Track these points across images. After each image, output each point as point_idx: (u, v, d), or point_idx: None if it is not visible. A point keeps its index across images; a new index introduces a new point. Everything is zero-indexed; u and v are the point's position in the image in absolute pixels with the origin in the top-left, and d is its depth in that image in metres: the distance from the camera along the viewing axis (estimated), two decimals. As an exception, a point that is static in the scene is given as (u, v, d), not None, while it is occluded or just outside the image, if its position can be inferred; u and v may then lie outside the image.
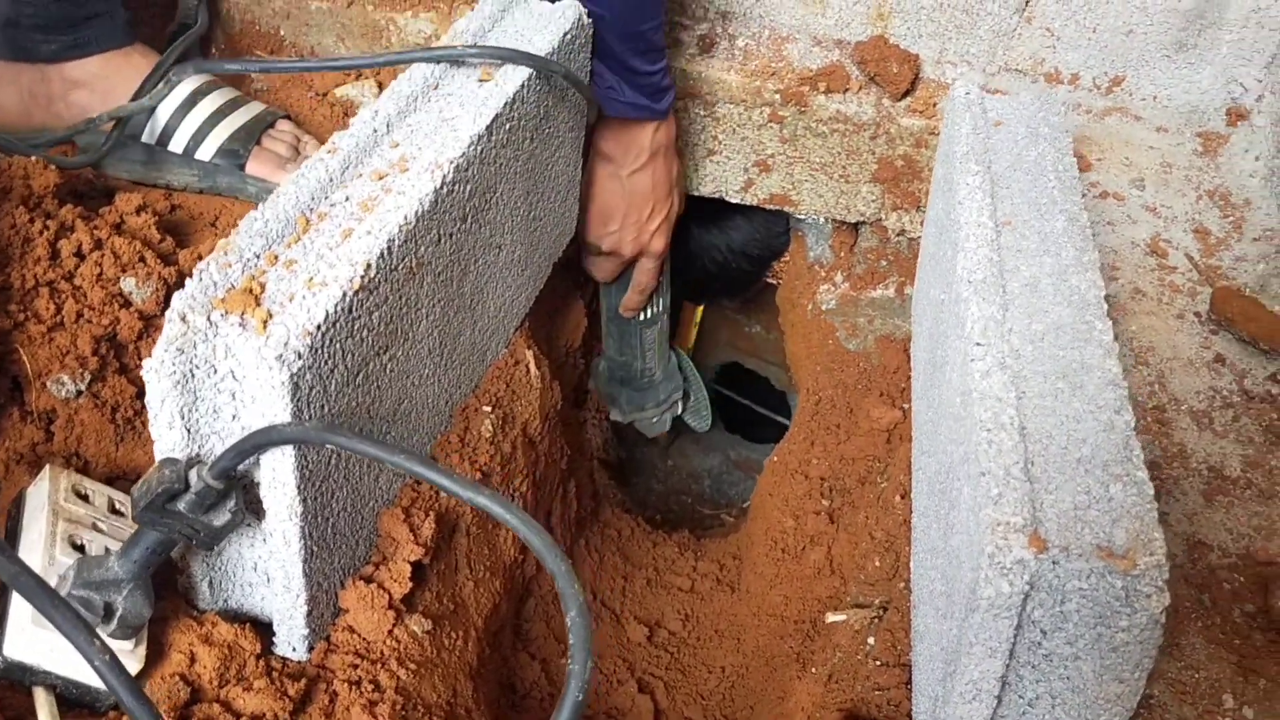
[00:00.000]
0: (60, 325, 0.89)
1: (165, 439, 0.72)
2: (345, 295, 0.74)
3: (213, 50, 1.42)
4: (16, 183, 0.96)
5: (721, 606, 1.39)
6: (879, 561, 1.04)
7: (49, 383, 0.87)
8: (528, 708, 1.12)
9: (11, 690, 0.70)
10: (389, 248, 0.79)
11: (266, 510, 0.75)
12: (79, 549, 0.74)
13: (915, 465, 1.02)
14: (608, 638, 1.30)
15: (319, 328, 0.71)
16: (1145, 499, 0.68)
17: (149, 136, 1.17)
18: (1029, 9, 1.29)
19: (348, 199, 0.82)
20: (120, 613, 0.70)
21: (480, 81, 0.97)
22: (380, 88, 1.34)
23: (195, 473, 0.70)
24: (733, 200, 1.41)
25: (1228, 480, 0.93)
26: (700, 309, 1.86)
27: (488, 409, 1.05)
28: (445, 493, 0.86)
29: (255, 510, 0.75)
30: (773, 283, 1.73)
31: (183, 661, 0.75)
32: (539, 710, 1.12)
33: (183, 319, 0.69)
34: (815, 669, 1.04)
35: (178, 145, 1.17)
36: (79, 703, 0.72)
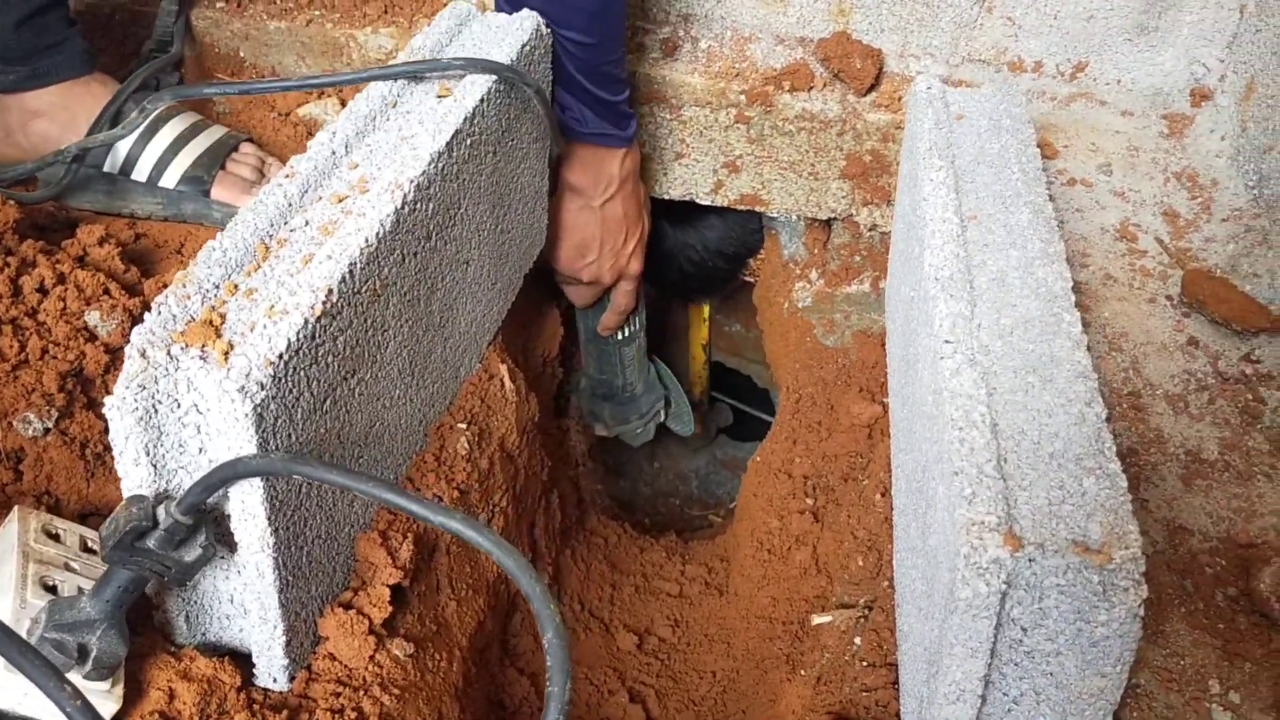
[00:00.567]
0: (25, 363, 0.88)
1: (132, 476, 0.72)
2: (307, 322, 0.73)
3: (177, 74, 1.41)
4: (-25, 220, 0.95)
5: (710, 610, 1.39)
6: (862, 561, 1.04)
7: (15, 422, 0.86)
8: (518, 723, 1.12)
9: (-13, 737, 0.69)
10: (351, 271, 0.78)
11: (239, 542, 0.74)
12: (51, 590, 0.74)
13: (894, 463, 1.02)
14: (597, 648, 1.30)
15: (281, 357, 0.70)
16: (1119, 491, 0.67)
17: (111, 166, 1.16)
18: (989, -1, 1.30)
19: (307, 223, 0.82)
20: (95, 653, 0.70)
21: (439, 98, 0.97)
22: (343, 104, 1.33)
23: (163, 509, 0.70)
24: (703, 202, 1.41)
25: (1205, 463, 0.93)
26: (708, 306, 1.85)
27: (463, 426, 1.04)
28: (415, 519, 0.85)
29: (227, 543, 0.75)
30: (750, 281, 1.73)
31: (162, 699, 0.74)
32: (530, 725, 1.12)
33: (143, 354, 0.68)
34: (804, 671, 1.04)
35: (141, 174, 1.16)
36: (57, 747, 0.71)
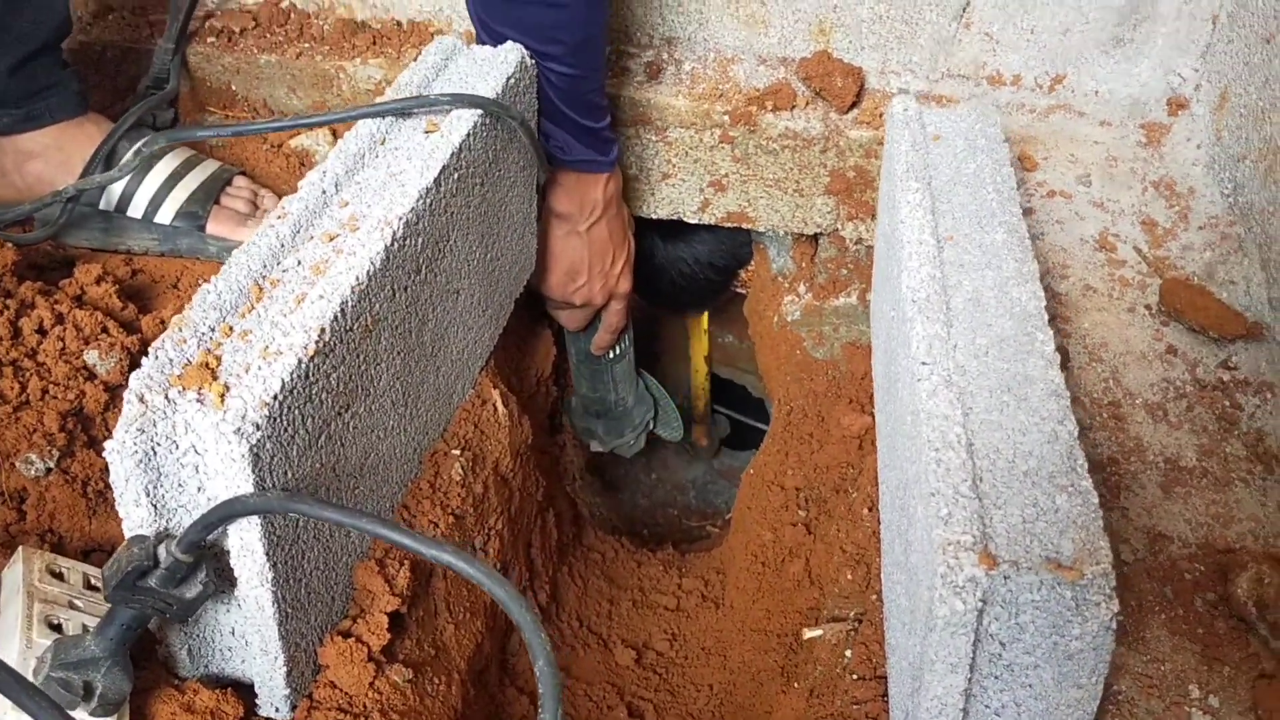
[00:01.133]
0: (26, 404, 0.90)
1: (133, 516, 0.74)
2: (301, 362, 0.75)
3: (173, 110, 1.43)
4: (-26, 264, 0.98)
5: (707, 623, 1.40)
6: (851, 574, 1.06)
7: (18, 463, 0.88)
8: (520, 742, 1.14)
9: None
10: (343, 310, 0.80)
11: (238, 578, 0.76)
12: (56, 629, 0.76)
13: (881, 478, 1.04)
14: (596, 663, 1.31)
15: (275, 398, 0.72)
16: (1090, 508, 0.69)
17: (106, 204, 1.18)
18: (967, 15, 1.32)
19: (299, 263, 0.84)
20: (100, 690, 0.72)
21: (426, 133, 0.99)
22: (335, 136, 1.35)
23: (164, 548, 0.72)
24: (690, 221, 1.43)
25: (1184, 470, 0.95)
26: (705, 316, 1.88)
27: (456, 452, 1.06)
28: (409, 553, 0.87)
29: (227, 578, 0.77)
30: (741, 292, 1.75)
31: (167, 732, 0.76)
32: (531, 743, 1.14)
33: (140, 399, 0.70)
34: (798, 684, 1.05)
35: (136, 210, 1.18)
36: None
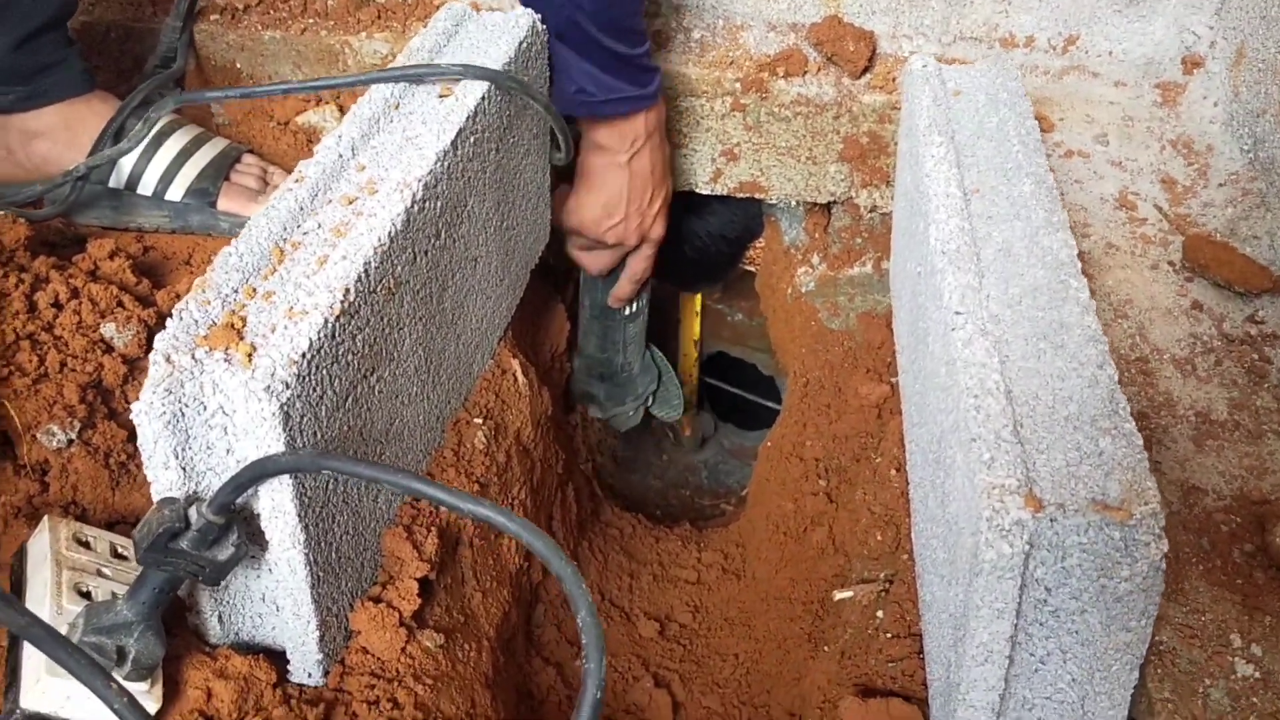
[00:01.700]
0: (45, 376, 0.89)
1: (162, 479, 0.73)
2: (327, 321, 0.74)
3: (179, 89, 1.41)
4: (-13, 240, 0.96)
5: (729, 595, 1.40)
6: (880, 536, 1.05)
7: (39, 434, 0.87)
8: (546, 713, 1.13)
9: (31, 743, 0.70)
10: (366, 271, 0.79)
11: (270, 540, 0.75)
12: (86, 596, 0.75)
13: (908, 438, 1.03)
14: (619, 636, 1.31)
15: (304, 356, 0.71)
16: (1135, 450, 0.69)
17: (116, 182, 1.17)
18: (979, -24, 1.31)
19: (319, 226, 0.83)
20: (133, 655, 0.71)
21: (441, 97, 0.98)
22: (341, 112, 1.34)
23: (195, 510, 0.71)
24: (703, 192, 1.42)
25: (1216, 424, 0.94)
26: (699, 297, 1.86)
27: (479, 421, 1.05)
28: (445, 508, 0.86)
29: (258, 541, 0.76)
30: (750, 270, 1.74)
31: (200, 698, 0.75)
32: (557, 714, 1.13)
33: (167, 359, 0.69)
34: (828, 647, 1.05)
35: (146, 188, 1.17)
36: (99, 749, 0.72)
